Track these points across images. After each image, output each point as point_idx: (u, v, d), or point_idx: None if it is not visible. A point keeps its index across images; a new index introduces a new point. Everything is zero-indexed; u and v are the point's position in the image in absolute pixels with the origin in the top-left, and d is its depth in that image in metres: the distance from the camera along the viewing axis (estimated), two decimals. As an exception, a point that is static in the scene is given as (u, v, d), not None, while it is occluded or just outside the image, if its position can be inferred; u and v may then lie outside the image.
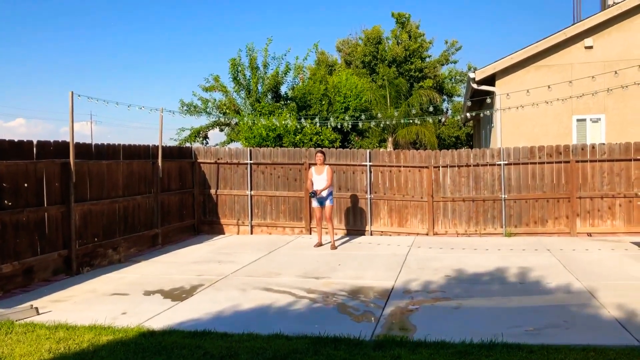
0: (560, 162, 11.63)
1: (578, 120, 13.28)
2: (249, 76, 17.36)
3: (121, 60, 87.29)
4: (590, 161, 11.51)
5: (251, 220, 13.00)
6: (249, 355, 4.86)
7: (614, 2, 14.30)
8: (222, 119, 17.57)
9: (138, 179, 10.84)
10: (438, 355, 4.76)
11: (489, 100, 13.43)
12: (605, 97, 12.64)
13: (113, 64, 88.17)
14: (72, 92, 8.80)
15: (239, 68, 17.20)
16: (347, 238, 12.10)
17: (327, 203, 10.96)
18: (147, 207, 11.11)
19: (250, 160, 12.96)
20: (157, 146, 11.42)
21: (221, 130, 18.30)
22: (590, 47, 13.25)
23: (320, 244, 11.09)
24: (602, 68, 12.65)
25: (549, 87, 12.08)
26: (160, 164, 11.37)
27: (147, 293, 7.46)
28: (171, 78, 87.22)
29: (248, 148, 13.50)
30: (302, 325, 5.78)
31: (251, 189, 12.98)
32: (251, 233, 12.98)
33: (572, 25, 13.56)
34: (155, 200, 11.32)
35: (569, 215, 11.57)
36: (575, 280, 7.58)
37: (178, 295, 7.32)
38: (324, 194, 10.89)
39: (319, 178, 10.94)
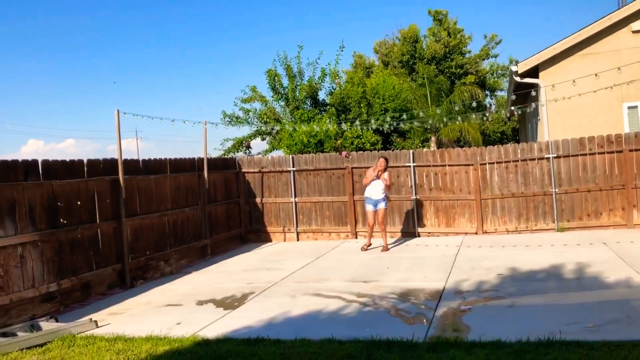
0: (612, 152, 11.22)
1: (629, 107, 12.78)
2: (287, 85, 17.49)
3: (161, 75, 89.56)
4: (645, 149, 11.06)
5: (297, 227, 13.07)
6: (302, 361, 4.87)
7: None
8: (263, 128, 17.75)
9: (185, 191, 11.06)
10: (494, 355, 4.65)
11: (533, 93, 13.11)
12: (657, 81, 12.14)
13: (153, 79, 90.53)
14: (118, 111, 9.08)
15: (276, 78, 17.34)
16: (394, 240, 11.99)
17: (381, 206, 10.80)
18: (195, 218, 11.32)
19: (293, 167, 13.04)
20: (202, 158, 11.63)
21: (263, 139, 18.50)
22: (638, 31, 12.75)
23: (369, 245, 11.01)
24: (652, 52, 12.16)
25: (596, 75, 11.71)
26: (205, 176, 11.57)
27: (200, 303, 7.59)
28: (213, 90, 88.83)
29: (290, 155, 13.59)
30: (353, 330, 5.75)
31: (295, 196, 13.05)
32: (297, 240, 13.04)
33: (618, 10, 13.08)
34: (202, 211, 11.52)
35: (625, 207, 11.14)
36: (636, 273, 7.28)
37: (230, 303, 7.41)
38: (379, 196, 10.78)
39: (376, 181, 10.76)
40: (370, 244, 11.06)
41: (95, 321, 6.67)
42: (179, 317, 6.87)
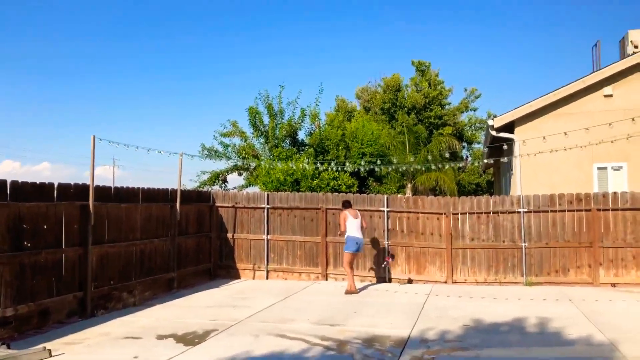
0: (581, 210, 11.45)
1: (599, 168, 13.13)
2: (267, 122, 17.66)
3: (143, 104, 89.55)
4: (613, 210, 11.31)
5: (267, 265, 12.94)
6: (259, 403, 4.75)
7: (633, 52, 14.35)
8: (241, 164, 17.77)
9: (156, 222, 10.92)
10: (453, 407, 4.60)
11: (505, 147, 13.41)
12: (627, 145, 12.53)
13: (136, 108, 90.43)
14: (94, 136, 9.02)
15: (257, 115, 17.51)
16: (364, 285, 11.93)
17: (360, 250, 11.13)
18: (164, 250, 11.15)
19: (268, 204, 13.01)
20: (176, 190, 11.55)
21: (240, 174, 18.49)
22: (610, 96, 13.23)
23: (355, 291, 10.88)
24: (622, 116, 12.57)
25: (565, 133, 12.07)
26: (178, 208, 11.47)
27: (160, 337, 7.40)
28: (193, 122, 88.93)
29: (265, 192, 13.57)
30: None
31: (268, 234, 12.97)
32: (267, 278, 12.90)
33: (591, 73, 13.59)
34: (172, 243, 11.36)
35: (592, 265, 11.31)
36: (598, 332, 7.33)
37: (191, 340, 7.24)
38: (359, 241, 10.98)
39: (357, 222, 10.94)
40: (356, 289, 11.00)
41: (49, 350, 6.45)
42: (136, 350, 6.68)
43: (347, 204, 11.29)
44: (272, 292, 11.04)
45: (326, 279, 12.57)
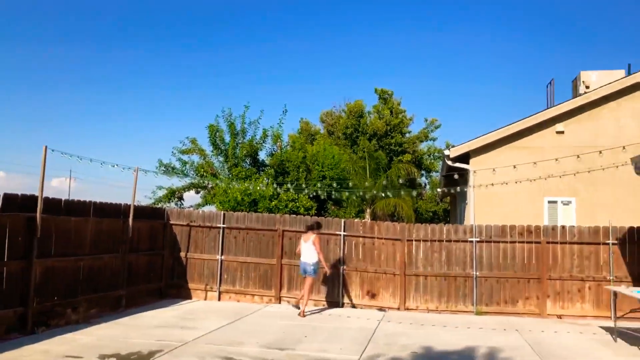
0: (531, 242, 11.73)
1: (549, 202, 13.53)
2: (228, 141, 17.55)
3: (99, 118, 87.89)
4: (561, 243, 11.63)
5: (220, 286, 12.74)
6: None
7: (584, 91, 14.96)
8: (198, 181, 17.57)
9: (107, 237, 10.64)
10: None
11: (456, 176, 13.70)
12: (576, 180, 12.97)
13: (91, 121, 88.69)
14: (46, 147, 8.79)
15: (217, 134, 17.40)
16: (317, 309, 11.87)
17: (309, 274, 11.03)
18: (114, 267, 10.85)
19: (223, 224, 12.86)
20: (129, 205, 11.30)
21: (197, 192, 18.26)
22: (562, 132, 13.71)
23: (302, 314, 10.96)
24: (572, 152, 13.03)
25: (514, 166, 12.42)
26: (131, 223, 11.21)
27: (102, 357, 7.15)
28: (151, 138, 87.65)
29: (222, 211, 13.41)
30: (258, 399, 5.55)
31: (222, 254, 12.79)
32: (219, 299, 12.68)
33: (544, 110, 14.08)
34: (122, 260, 11.07)
35: (539, 296, 11.56)
36: (542, 363, 7.46)
37: (134, 360, 7.03)
38: (310, 264, 10.97)
39: (305, 246, 11.04)
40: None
41: (-18, 368, 6.15)
42: (76, 370, 6.43)
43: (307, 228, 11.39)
44: (223, 313, 10.85)
45: (279, 302, 12.45)
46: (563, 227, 11.79)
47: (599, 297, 11.38)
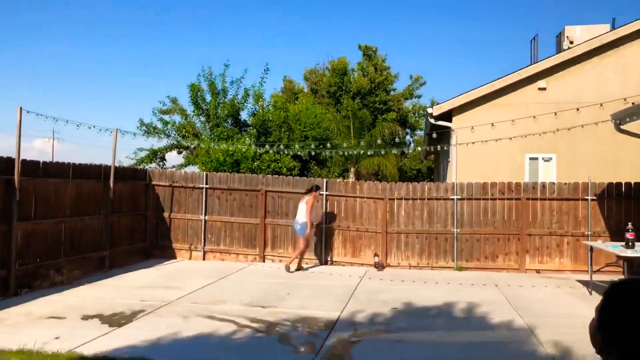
0: (511, 199, 11.87)
1: (531, 158, 13.63)
2: (209, 101, 17.32)
3: (84, 76, 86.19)
4: (541, 199, 11.78)
5: (204, 245, 12.80)
6: (180, 385, 4.72)
7: (568, 47, 14.87)
8: (180, 142, 17.40)
9: (87, 199, 10.59)
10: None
11: (435, 136, 13.71)
12: (557, 137, 13.02)
13: (76, 79, 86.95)
14: (21, 108, 8.62)
15: (199, 93, 17.15)
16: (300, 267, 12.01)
17: (297, 233, 11.44)
18: (96, 228, 10.84)
19: (206, 184, 12.83)
20: (110, 166, 11.20)
21: (179, 152, 18.12)
22: (544, 89, 13.69)
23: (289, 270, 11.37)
24: (554, 109, 13.04)
25: (492, 124, 12.45)
26: (111, 185, 11.14)
27: (85, 317, 7.22)
28: (132, 97, 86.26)
29: (204, 172, 13.37)
30: (241, 356, 5.67)
31: (205, 214, 12.81)
32: (204, 259, 12.77)
33: (527, 66, 14.01)
34: (104, 221, 11.05)
35: (519, 252, 11.77)
36: (519, 316, 7.66)
37: (117, 320, 7.09)
38: (298, 222, 11.31)
39: (299, 206, 11.45)
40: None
41: (-37, 330, 6.18)
42: (59, 331, 6.49)
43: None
44: (207, 273, 10.94)
45: (263, 261, 12.57)
46: (543, 184, 11.92)
47: (576, 252, 11.62)
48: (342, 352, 5.99)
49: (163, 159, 18.00)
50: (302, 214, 11.25)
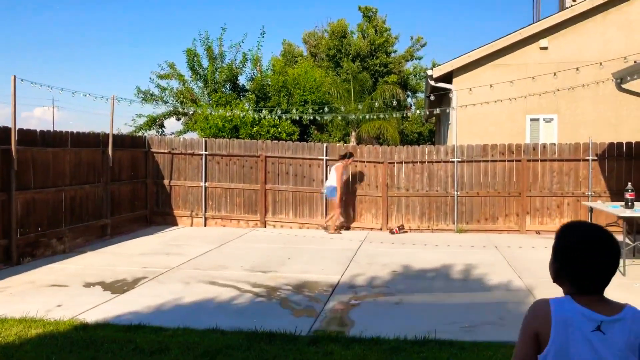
0: (512, 160, 11.82)
1: (532, 119, 13.51)
2: (206, 66, 17.10)
3: (76, 44, 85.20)
4: (541, 160, 11.73)
5: (205, 212, 12.84)
6: (181, 350, 4.78)
7: (571, 4, 14.57)
8: (179, 108, 17.27)
9: (87, 167, 10.57)
10: (370, 351, 4.77)
11: (432, 98, 13.58)
12: (558, 97, 12.88)
13: (67, 47, 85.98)
14: (15, 77, 8.53)
15: (195, 58, 16.92)
16: (301, 232, 12.07)
17: (329, 196, 11.75)
18: (96, 196, 10.85)
19: (206, 151, 12.79)
20: (108, 134, 11.15)
21: (178, 119, 18.01)
22: (545, 48, 13.47)
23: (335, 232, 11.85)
24: (556, 69, 12.85)
25: (490, 86, 12.30)
26: (110, 153, 11.11)
27: (87, 285, 7.29)
28: (129, 63, 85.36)
29: (203, 138, 13.30)
30: (241, 320, 5.72)
31: (206, 181, 12.81)
32: (205, 225, 12.83)
33: (528, 25, 13.76)
34: (104, 190, 11.06)
35: (519, 213, 11.79)
36: (517, 277, 7.72)
37: (119, 287, 7.16)
38: (326, 186, 11.71)
39: (331, 171, 11.74)
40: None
41: (-33, 299, 6.25)
42: (61, 298, 6.56)
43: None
44: (208, 239, 11.00)
45: (265, 226, 12.62)
46: (544, 145, 11.85)
47: (577, 212, 11.62)
48: (342, 315, 6.06)
49: (162, 125, 17.92)
50: (333, 179, 11.51)
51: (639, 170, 10.76)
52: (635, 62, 9.49)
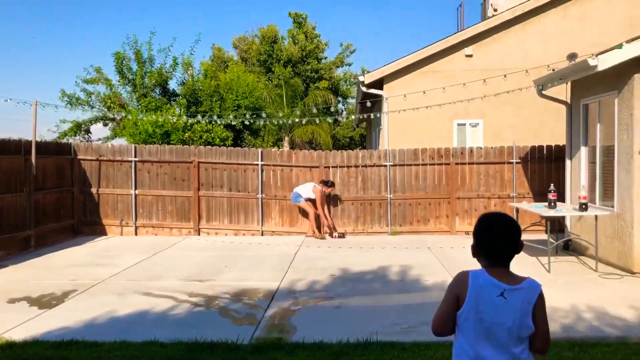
0: (441, 164, 12.21)
1: (459, 124, 14.02)
2: (135, 70, 16.61)
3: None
4: (469, 164, 12.19)
5: (136, 220, 12.44)
6: (119, 365, 4.61)
7: (492, 14, 15.26)
8: (106, 113, 16.66)
9: (7, 176, 10.00)
10: (314, 357, 4.79)
11: (368, 104, 13.86)
12: (484, 103, 13.44)
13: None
14: None
15: (124, 62, 16.40)
16: (237, 239, 11.94)
17: (294, 201, 11.94)
18: (18, 207, 10.28)
19: (135, 157, 12.40)
20: (30, 141, 10.59)
21: (105, 125, 17.38)
22: (470, 56, 14.02)
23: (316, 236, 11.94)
24: (480, 76, 13.40)
25: (424, 92, 12.69)
26: (33, 161, 10.56)
27: (12, 301, 6.88)
28: (51, 67, 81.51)
29: (133, 145, 12.90)
30: (180, 331, 5.59)
31: (136, 188, 12.42)
32: (136, 234, 12.43)
33: (454, 34, 14.28)
34: (27, 199, 10.49)
35: (449, 215, 12.19)
36: (451, 277, 7.90)
37: (47, 302, 6.81)
38: (295, 192, 11.84)
39: (305, 185, 11.94)
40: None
41: None
42: (-17, 317, 6.15)
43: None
44: (140, 248, 10.67)
45: (199, 234, 12.39)
46: (471, 148, 12.33)
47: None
48: (283, 322, 6.03)
49: (88, 131, 17.22)
50: (304, 192, 11.71)
51: (559, 172, 11.38)
52: (554, 69, 10.04)
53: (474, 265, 2.53)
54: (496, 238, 2.38)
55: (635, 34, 9.33)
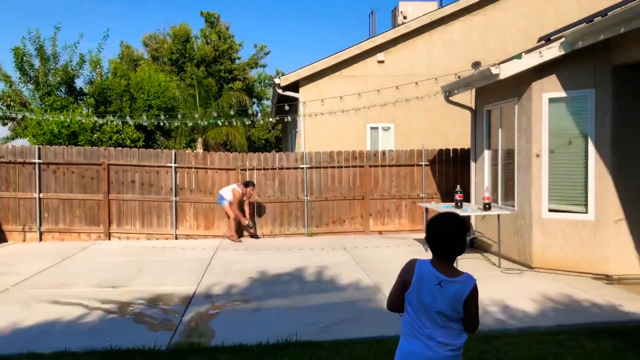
0: (356, 166, 12.55)
1: (372, 128, 14.46)
2: (38, 67, 15.71)
3: None
4: (381, 166, 12.61)
5: (40, 226, 11.80)
6: (28, 378, 4.39)
7: (402, 22, 15.87)
8: (6, 112, 15.64)
9: None
10: (235, 359, 4.80)
11: (287, 108, 14.00)
12: (395, 108, 13.95)
13: None
14: None
15: (25, 58, 15.46)
16: (150, 243, 11.64)
17: (219, 203, 11.86)
18: None
19: (39, 159, 11.76)
20: None
21: (4, 124, 16.30)
22: (382, 62, 14.51)
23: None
24: (392, 81, 13.91)
25: (340, 98, 13.02)
26: None
27: None
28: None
29: (36, 146, 12.21)
30: (93, 340, 5.40)
31: (40, 192, 11.78)
32: (40, 240, 11.79)
33: (366, 40, 14.71)
34: None
35: (363, 215, 12.55)
36: (366, 276, 8.23)
37: (-58, 315, 6.33)
38: (219, 196, 11.80)
39: (227, 187, 11.87)
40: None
41: None
42: None
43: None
44: (46, 255, 10.14)
45: (109, 239, 11.95)
46: (383, 151, 12.75)
47: (413, 213, 12.67)
48: (202, 326, 5.98)
49: (-16, 131, 16.08)
50: (227, 194, 11.62)
51: (464, 174, 12.02)
52: (460, 77, 10.62)
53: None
54: (437, 236, 2.76)
55: (534, 44, 10.07)
